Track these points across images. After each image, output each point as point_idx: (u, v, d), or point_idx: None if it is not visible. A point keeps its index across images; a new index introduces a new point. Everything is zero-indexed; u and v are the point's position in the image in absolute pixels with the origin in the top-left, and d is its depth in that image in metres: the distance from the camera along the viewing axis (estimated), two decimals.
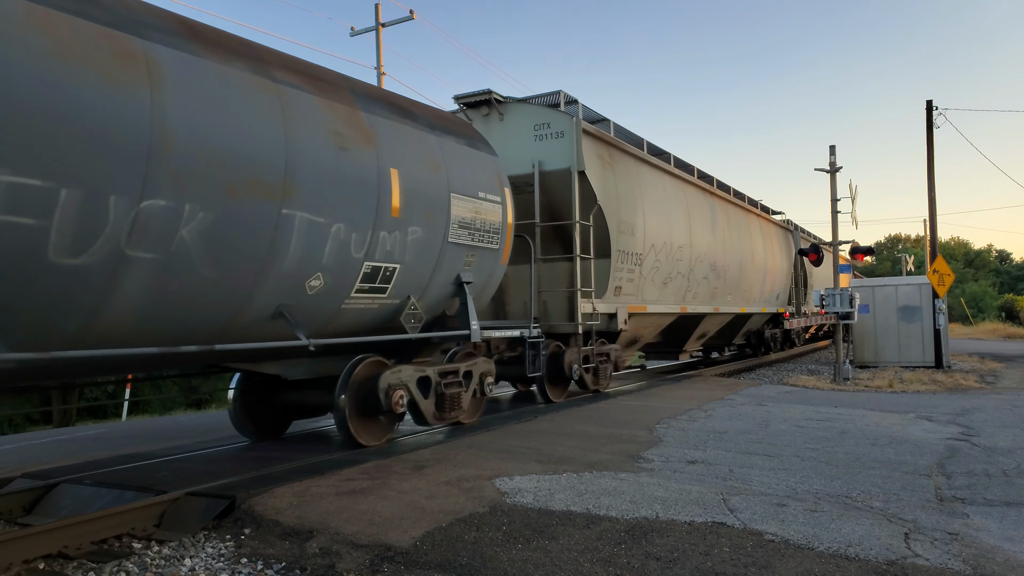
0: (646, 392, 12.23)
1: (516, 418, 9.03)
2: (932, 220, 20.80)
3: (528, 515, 4.76)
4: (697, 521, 4.65)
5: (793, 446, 7.36)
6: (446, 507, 4.92)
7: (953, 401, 11.60)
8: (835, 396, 12.43)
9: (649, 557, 4.03)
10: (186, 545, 4.54)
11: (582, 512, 4.84)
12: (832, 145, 17.24)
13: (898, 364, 18.63)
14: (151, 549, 4.53)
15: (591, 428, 8.33)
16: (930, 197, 20.35)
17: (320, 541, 4.37)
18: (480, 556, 4.07)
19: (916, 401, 11.66)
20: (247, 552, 4.37)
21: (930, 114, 20.60)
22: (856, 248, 18.71)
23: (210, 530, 4.80)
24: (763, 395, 12.24)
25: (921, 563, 3.91)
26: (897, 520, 4.73)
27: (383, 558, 4.11)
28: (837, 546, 4.17)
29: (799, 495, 5.37)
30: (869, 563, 3.90)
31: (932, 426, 8.84)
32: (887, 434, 8.11)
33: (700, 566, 3.88)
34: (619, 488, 5.48)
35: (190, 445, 7.87)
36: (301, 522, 4.65)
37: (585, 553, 4.10)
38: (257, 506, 4.93)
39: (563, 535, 4.39)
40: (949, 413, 10.02)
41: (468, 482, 5.60)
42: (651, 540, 4.29)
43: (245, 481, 5.65)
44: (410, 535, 4.37)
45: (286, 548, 4.37)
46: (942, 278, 18.20)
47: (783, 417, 9.43)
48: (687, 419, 9.14)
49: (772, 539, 4.30)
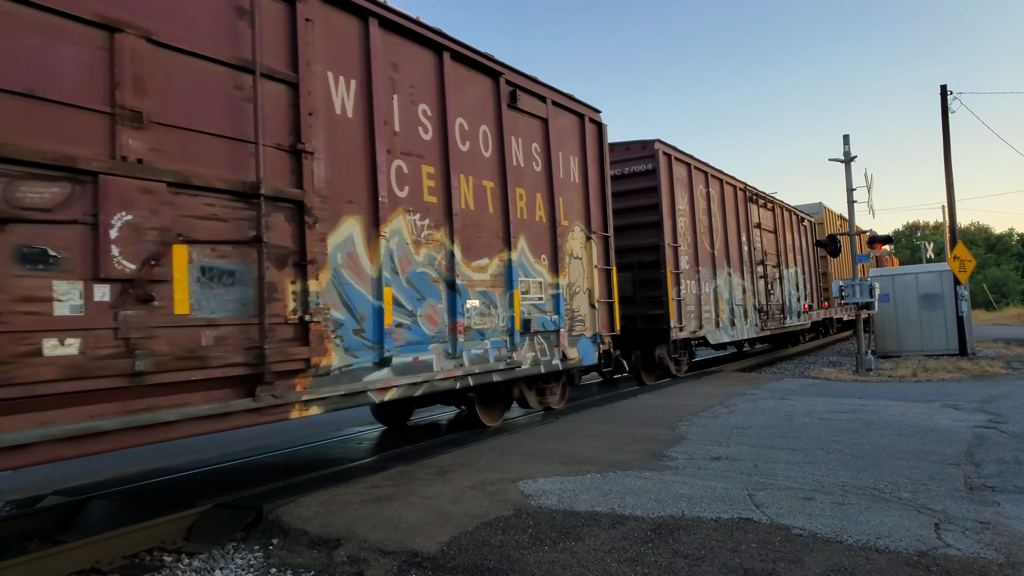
0: (667, 390, 12.19)
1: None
2: (951, 206, 20.55)
3: (553, 517, 4.76)
4: (723, 518, 4.62)
5: (817, 439, 7.30)
6: (471, 511, 4.93)
7: (979, 388, 11.45)
8: (858, 387, 12.31)
9: (676, 555, 4.01)
10: (215, 557, 4.59)
11: (607, 512, 4.83)
12: (846, 135, 17.12)
13: (921, 353, 18.41)
14: (181, 562, 4.58)
15: (613, 428, 8.31)
16: (948, 183, 20.11)
17: (348, 549, 4.40)
18: (507, 559, 4.07)
19: (941, 389, 11.53)
20: (276, 562, 4.40)
21: (945, 99, 20.36)
22: (874, 237, 18.52)
23: (239, 541, 4.84)
24: (785, 389, 12.16)
25: (953, 553, 3.87)
26: (926, 511, 4.68)
27: (411, 564, 4.13)
28: (866, 539, 4.13)
29: (826, 488, 5.33)
30: (900, 555, 3.86)
31: (959, 414, 8.73)
32: (913, 424, 8.03)
33: (728, 563, 3.86)
34: (644, 487, 5.46)
35: (215, 458, 7.95)
36: (328, 530, 4.68)
37: (612, 553, 4.09)
38: (284, 516, 4.97)
39: (589, 536, 4.38)
40: (975, 401, 9.89)
41: (492, 486, 5.61)
42: (677, 538, 4.28)
43: (272, 491, 5.70)
44: (436, 540, 4.39)
45: (314, 557, 4.40)
46: (963, 264, 17.96)
47: (806, 410, 9.35)
48: (709, 415, 9.09)
49: (800, 533, 4.27)
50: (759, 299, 16.95)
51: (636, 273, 12.97)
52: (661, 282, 12.66)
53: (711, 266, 14.55)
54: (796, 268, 20.68)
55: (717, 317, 14.60)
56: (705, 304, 14.07)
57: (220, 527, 5.03)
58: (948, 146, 20.09)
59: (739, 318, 15.73)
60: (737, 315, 15.64)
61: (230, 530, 4.96)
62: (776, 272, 18.47)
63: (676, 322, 12.72)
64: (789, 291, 19.50)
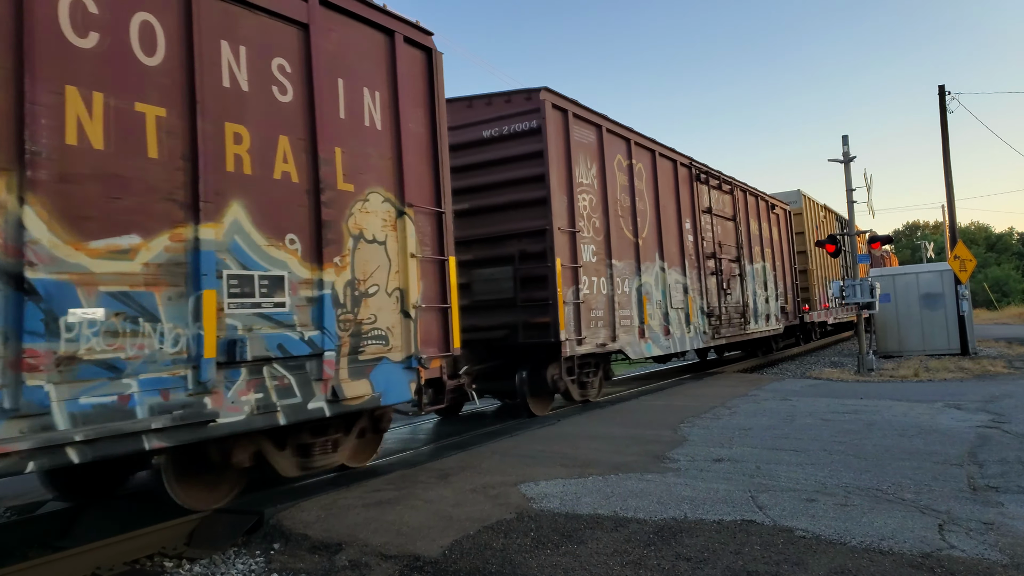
0: (669, 391, 12.17)
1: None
2: (950, 206, 20.54)
3: (555, 520, 4.74)
4: (726, 520, 4.61)
5: (820, 440, 7.28)
6: (473, 515, 4.91)
7: (981, 388, 11.43)
8: (860, 388, 12.29)
9: (679, 558, 4.00)
10: (216, 562, 4.58)
11: (609, 515, 4.81)
12: (845, 135, 17.11)
13: (923, 352, 18.39)
14: (182, 567, 4.57)
15: (615, 430, 8.30)
16: (947, 182, 20.11)
17: (349, 553, 4.38)
18: (509, 563, 4.06)
19: (943, 389, 11.50)
20: (277, 567, 4.39)
21: (943, 99, 20.36)
22: (874, 237, 18.51)
23: (240, 546, 4.83)
24: (787, 389, 12.14)
25: (957, 554, 3.85)
26: (930, 511, 4.67)
27: (412, 568, 4.12)
28: (870, 540, 4.11)
29: (828, 489, 5.31)
30: (904, 556, 3.84)
31: (961, 414, 8.71)
32: (915, 424, 8.01)
33: (731, 565, 3.85)
34: (646, 489, 5.45)
35: None
36: (330, 535, 4.66)
37: (614, 556, 4.07)
38: (285, 520, 4.96)
39: (591, 539, 4.37)
40: (978, 400, 9.87)
41: (494, 489, 5.59)
42: (680, 541, 4.26)
43: (273, 496, 5.69)
44: (438, 544, 4.37)
45: (316, 561, 4.38)
46: (964, 264, 17.95)
47: (808, 411, 9.33)
48: (711, 417, 9.07)
49: (803, 535, 4.25)
50: (709, 300, 13.90)
51: (518, 268, 9.68)
52: (548, 279, 9.34)
53: (634, 259, 11.34)
54: (765, 264, 17.37)
55: (642, 324, 11.35)
56: (622, 308, 10.84)
57: (221, 532, 5.01)
58: (947, 146, 20.09)
59: (677, 324, 12.52)
60: (674, 320, 12.42)
61: (231, 535, 4.94)
62: (735, 268, 15.39)
63: (570, 332, 9.44)
64: (754, 291, 16.33)
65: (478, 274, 10.09)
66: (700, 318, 13.50)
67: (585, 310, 9.87)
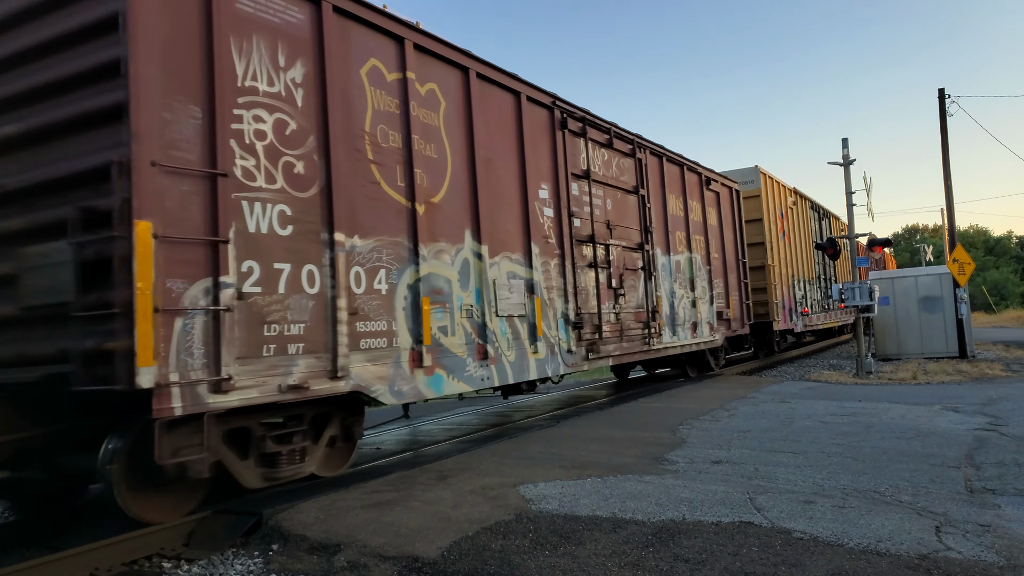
0: (668, 394, 12.17)
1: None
2: (949, 209, 20.58)
3: (554, 521, 4.75)
4: (724, 521, 4.62)
5: (818, 442, 7.29)
6: (472, 516, 4.92)
7: (979, 391, 11.44)
8: (858, 390, 12.30)
9: (677, 559, 4.00)
10: (215, 563, 4.58)
11: (608, 516, 4.82)
12: (844, 138, 17.12)
13: (921, 355, 18.40)
14: (180, 568, 4.57)
15: (614, 432, 8.30)
16: (946, 186, 20.14)
17: (348, 554, 4.39)
18: (507, 564, 4.06)
19: (941, 392, 11.52)
20: (276, 568, 4.39)
21: (943, 102, 20.40)
22: (873, 240, 18.53)
23: (238, 547, 4.83)
24: (786, 392, 12.14)
25: (954, 556, 3.86)
26: (927, 513, 4.68)
27: (411, 569, 4.12)
28: (867, 542, 4.12)
29: (826, 491, 5.32)
30: (901, 558, 3.85)
31: (959, 417, 8.72)
32: (913, 427, 8.02)
33: (729, 567, 3.86)
34: (644, 491, 5.45)
35: None
36: (328, 536, 4.67)
37: (613, 557, 4.08)
38: (284, 521, 4.96)
39: (590, 540, 4.37)
40: (976, 403, 9.89)
41: (493, 490, 5.60)
42: (678, 542, 4.27)
43: (272, 497, 5.69)
44: (437, 545, 4.38)
45: (314, 563, 4.39)
46: (962, 267, 17.97)
47: (807, 413, 9.34)
48: (710, 419, 9.08)
49: (801, 537, 4.26)
50: (581, 304, 9.66)
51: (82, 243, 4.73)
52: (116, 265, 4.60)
53: (405, 235, 6.86)
54: (693, 256, 13.35)
55: (418, 345, 6.79)
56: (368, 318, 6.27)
57: (219, 533, 5.01)
58: (946, 150, 20.12)
59: (510, 341, 8.15)
60: (502, 336, 8.05)
61: (230, 536, 4.95)
62: (637, 259, 11.32)
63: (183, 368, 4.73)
64: (670, 290, 12.40)
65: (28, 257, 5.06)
66: (561, 330, 9.19)
67: (248, 322, 5.21)
